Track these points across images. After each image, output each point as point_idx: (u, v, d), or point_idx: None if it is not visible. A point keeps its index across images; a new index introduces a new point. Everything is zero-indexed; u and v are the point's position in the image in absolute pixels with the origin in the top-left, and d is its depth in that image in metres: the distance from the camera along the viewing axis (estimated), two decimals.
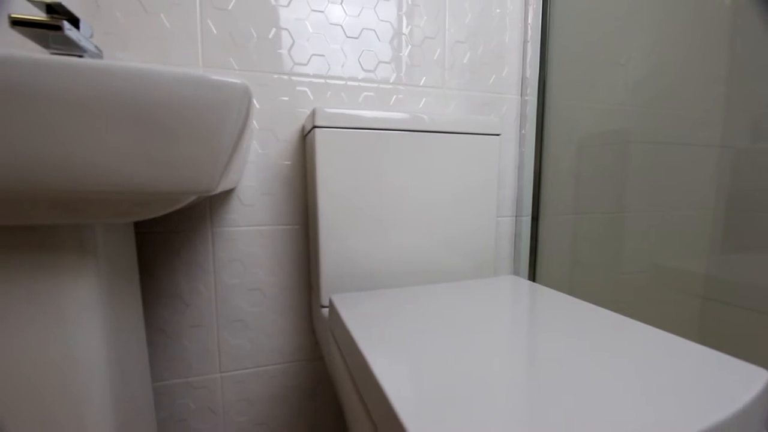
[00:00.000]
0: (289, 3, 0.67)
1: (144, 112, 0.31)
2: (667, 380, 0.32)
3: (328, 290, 0.62)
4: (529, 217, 0.90)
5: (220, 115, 0.34)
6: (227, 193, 0.68)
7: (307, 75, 0.70)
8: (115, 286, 0.47)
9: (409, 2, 0.74)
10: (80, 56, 0.52)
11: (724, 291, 0.90)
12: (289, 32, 0.68)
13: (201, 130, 0.34)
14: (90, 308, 0.42)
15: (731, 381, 0.31)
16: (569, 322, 0.45)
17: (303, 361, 0.76)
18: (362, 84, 0.74)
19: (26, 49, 0.57)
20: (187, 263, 0.67)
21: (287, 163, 0.71)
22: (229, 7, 0.64)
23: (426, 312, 0.49)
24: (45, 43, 0.50)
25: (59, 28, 0.46)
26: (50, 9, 0.50)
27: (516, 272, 0.92)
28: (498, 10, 0.81)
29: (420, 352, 0.37)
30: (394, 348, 0.38)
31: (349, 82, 0.73)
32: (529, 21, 0.84)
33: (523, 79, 0.86)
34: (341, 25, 0.71)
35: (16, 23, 0.44)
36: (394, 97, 0.76)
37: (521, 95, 0.87)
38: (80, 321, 0.42)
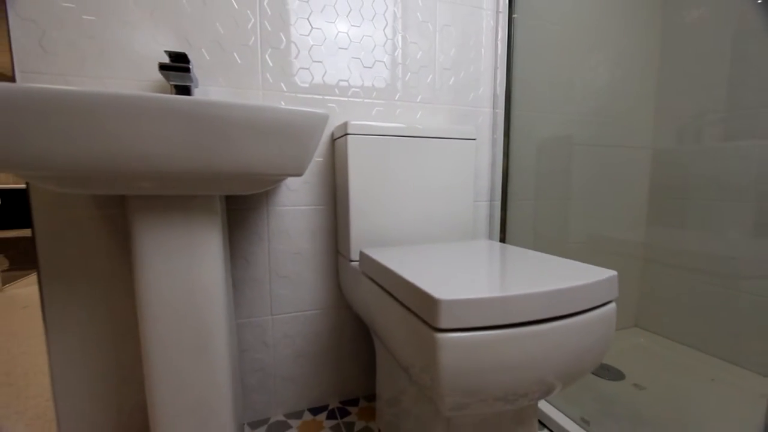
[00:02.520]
0: (323, 42, 0.92)
1: (280, 129, 0.56)
2: (559, 275, 0.58)
3: (356, 250, 0.88)
4: (500, 202, 1.17)
5: (312, 131, 0.59)
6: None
7: (335, 94, 0.95)
8: (222, 242, 0.72)
9: (408, 40, 1.00)
10: (188, 86, 0.76)
11: (645, 251, 1.23)
12: (322, 64, 0.93)
13: (302, 139, 0.59)
14: (215, 253, 0.67)
15: (592, 275, 0.58)
16: (518, 255, 0.71)
17: (330, 308, 1.01)
18: (374, 101, 0.99)
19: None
20: (250, 232, 0.91)
21: (320, 159, 0.96)
22: (281, 47, 0.89)
23: (427, 253, 0.75)
24: (167, 77, 0.74)
25: (188, 70, 0.70)
26: (170, 54, 0.74)
27: None
28: (474, 45, 1.08)
29: (428, 268, 0.63)
30: (412, 266, 0.64)
31: (365, 100, 0.98)
32: (498, 52, 1.11)
33: (495, 96, 1.13)
34: (360, 58, 0.96)
35: (163, 68, 0.68)
36: (398, 110, 1.02)
37: (493, 108, 1.13)
38: (209, 262, 0.66)
